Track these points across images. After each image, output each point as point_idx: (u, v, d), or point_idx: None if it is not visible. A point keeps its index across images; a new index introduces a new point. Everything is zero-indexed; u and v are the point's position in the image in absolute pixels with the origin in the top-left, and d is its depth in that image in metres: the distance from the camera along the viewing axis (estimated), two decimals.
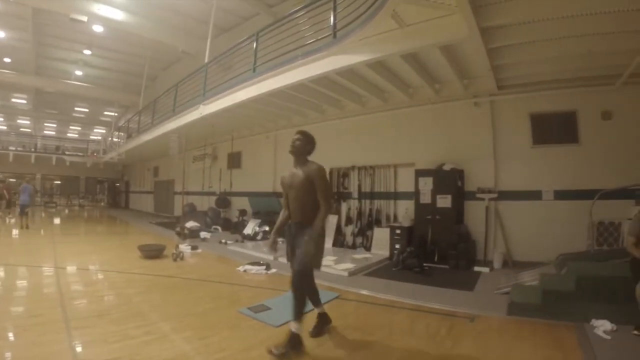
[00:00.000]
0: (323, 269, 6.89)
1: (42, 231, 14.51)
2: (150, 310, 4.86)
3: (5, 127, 38.51)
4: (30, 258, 8.52)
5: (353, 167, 10.44)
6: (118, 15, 15.77)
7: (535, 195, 7.68)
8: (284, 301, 5.10)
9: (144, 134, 17.37)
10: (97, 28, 17.75)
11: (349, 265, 7.28)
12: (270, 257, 8.05)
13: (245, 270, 7.32)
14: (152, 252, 8.79)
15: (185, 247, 9.69)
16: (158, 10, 15.74)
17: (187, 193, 14.93)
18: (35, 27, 18.74)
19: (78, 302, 5.28)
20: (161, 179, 23.00)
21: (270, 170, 13.17)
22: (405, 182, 9.30)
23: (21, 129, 38.40)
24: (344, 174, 10.67)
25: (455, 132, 8.82)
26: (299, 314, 3.65)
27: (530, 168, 7.85)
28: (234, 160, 15.17)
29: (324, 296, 5.25)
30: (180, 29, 16.86)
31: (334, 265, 7.35)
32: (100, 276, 7.11)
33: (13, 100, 32.45)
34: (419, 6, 5.32)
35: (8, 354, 3.48)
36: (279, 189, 11.61)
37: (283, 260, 7.60)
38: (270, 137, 13.36)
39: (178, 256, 8.55)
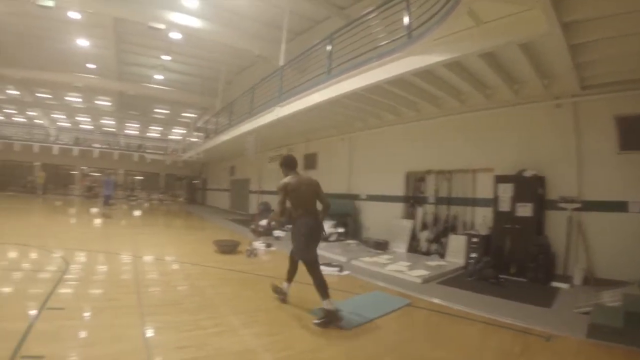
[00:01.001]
0: (396, 274, 7.05)
1: (123, 222, 15.84)
2: (221, 303, 5.13)
3: (91, 127, 42.64)
4: (110, 246, 9.36)
5: (429, 171, 10.25)
6: (195, 22, 16.76)
7: (621, 206, 6.96)
8: (355, 304, 5.35)
9: (221, 135, 18.27)
10: (175, 35, 18.82)
11: (423, 272, 7.21)
12: (344, 259, 8.27)
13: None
14: (227, 247, 9.20)
15: (259, 244, 10.06)
16: (233, 16, 16.55)
17: (263, 192, 15.39)
18: (117, 35, 20.41)
19: (153, 290, 5.79)
20: (237, 178, 23.97)
21: (345, 172, 13.29)
22: (484, 188, 8.92)
23: (105, 128, 42.35)
24: (420, 178, 10.51)
25: (535, 136, 8.32)
26: (324, 294, 4.62)
27: (616, 176, 7.13)
28: (310, 162, 15.42)
29: (395, 302, 5.51)
30: (255, 34, 17.58)
31: (407, 271, 7.32)
32: (175, 267, 7.69)
33: (98, 102, 35.54)
34: (495, 2, 5.23)
35: (83, 333, 3.95)
36: (355, 191, 11.83)
37: (357, 263, 7.73)
38: (345, 139, 13.48)
39: (252, 253, 8.93)
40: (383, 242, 10.14)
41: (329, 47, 9.65)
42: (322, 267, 7.14)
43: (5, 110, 39.93)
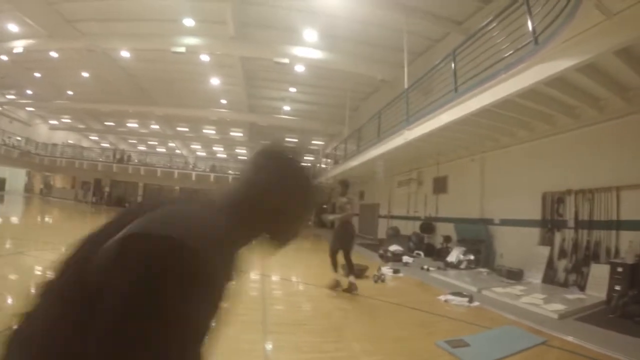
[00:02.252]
0: (530, 307, 6.63)
1: None
2: (345, 328, 5.18)
3: (225, 156, 47.66)
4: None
5: (568, 191, 9.35)
6: (316, 54, 17.89)
7: None
8: (485, 339, 5.03)
9: (350, 161, 18.80)
10: (299, 68, 20.20)
11: (560, 307, 6.57)
12: (474, 289, 8.02)
13: (446, 300, 7.19)
14: (355, 272, 9.34)
15: (387, 270, 10.02)
16: (352, 44, 17.36)
17: (392, 217, 15.41)
18: (245, 72, 22.37)
19: (278, 309, 6.11)
20: (366, 203, 24.29)
21: (477, 194, 12.74)
22: (631, 208, 7.90)
23: (239, 157, 46.88)
24: (559, 199, 9.62)
25: None
26: (352, 273, 7.44)
27: None
28: (440, 185, 15.13)
29: (528, 339, 5.08)
30: (375, 59, 18.19)
31: (542, 304, 6.78)
32: (301, 288, 8.08)
33: (231, 133, 39.25)
34: None
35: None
36: (487, 215, 11.36)
37: (487, 293, 7.46)
38: (476, 160, 13.04)
39: (379, 278, 8.95)
40: (517, 271, 9.53)
41: (452, 65, 9.59)
42: (451, 297, 7.36)
43: (149, 142, 47.75)
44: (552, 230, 9.67)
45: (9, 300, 5.15)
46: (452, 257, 11.63)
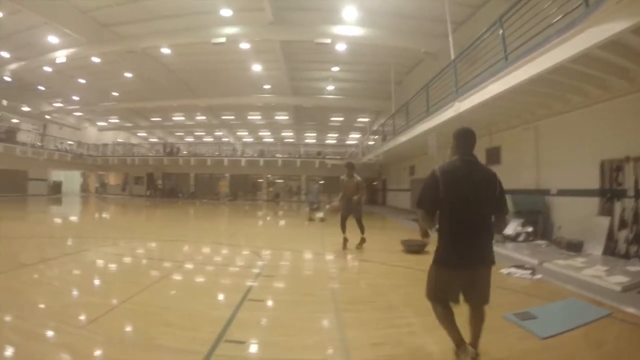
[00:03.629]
0: (593, 280, 6.68)
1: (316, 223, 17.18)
2: (412, 303, 5.18)
3: (273, 140, 48.40)
4: (302, 244, 10.77)
5: (627, 159, 9.01)
6: (357, 31, 17.90)
7: None
8: (552, 311, 5.04)
9: (399, 136, 18.83)
10: (341, 46, 20.15)
11: (622, 279, 6.52)
12: (534, 261, 8.10)
13: (509, 273, 7.25)
14: (415, 247, 9.46)
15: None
16: (392, 18, 17.28)
17: None
18: (286, 56, 22.68)
19: (345, 287, 6.44)
20: (417, 177, 24.27)
21: (532, 164, 12.51)
22: None
23: (285, 140, 48.01)
24: (617, 167, 9.28)
25: None
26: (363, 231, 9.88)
27: None
28: (493, 156, 14.86)
29: (593, 312, 5.04)
30: (417, 31, 18.04)
31: (605, 277, 6.76)
32: (365, 265, 8.29)
33: (276, 117, 39.92)
34: None
35: (282, 323, 4.61)
36: (544, 186, 11.16)
37: (549, 266, 7.46)
38: (529, 129, 12.74)
39: None
40: (577, 243, 9.39)
41: (500, 32, 9.41)
42: (513, 270, 7.40)
43: (196, 133, 49.78)
44: (612, 200, 9.37)
45: (76, 293, 5.81)
46: (510, 230, 11.38)
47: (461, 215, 3.23)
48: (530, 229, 11.17)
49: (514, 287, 6.44)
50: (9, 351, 3.73)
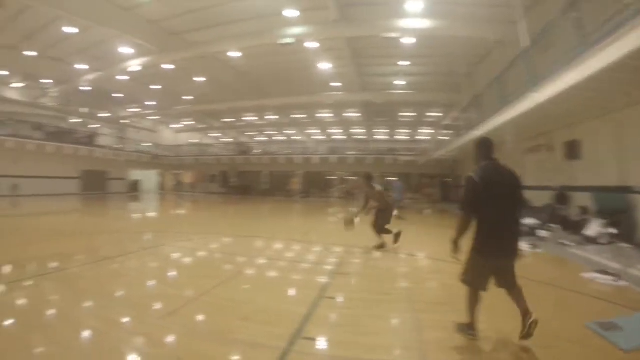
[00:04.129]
0: None
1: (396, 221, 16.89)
2: (488, 307, 4.72)
3: (343, 137, 48.65)
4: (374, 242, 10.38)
5: None
6: (424, 23, 17.50)
7: None
8: (638, 321, 4.64)
9: (472, 130, 18.06)
10: (408, 40, 19.61)
11: None
12: (618, 266, 7.45)
13: (591, 279, 6.74)
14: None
15: (524, 245, 9.38)
16: (458, 7, 16.70)
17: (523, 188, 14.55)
18: (353, 52, 22.57)
19: (422, 287, 6.28)
20: None
21: (617, 159, 11.45)
22: None
23: (356, 137, 47.68)
24: None
25: None
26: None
27: None
28: (573, 150, 13.81)
29: None
30: (485, 19, 17.29)
31: None
32: (440, 265, 7.92)
33: (346, 114, 39.80)
34: None
35: (358, 322, 4.54)
36: (630, 183, 10.19)
37: (635, 272, 6.84)
38: (613, 120, 11.78)
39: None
40: None
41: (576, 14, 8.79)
42: (596, 275, 6.88)
43: (267, 132, 51.12)
44: None
45: (155, 285, 6.16)
46: (591, 231, 10.62)
47: (497, 211, 3.86)
48: (613, 231, 10.22)
49: (595, 294, 5.98)
50: (92, 337, 4.00)
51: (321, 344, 3.99)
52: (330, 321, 4.60)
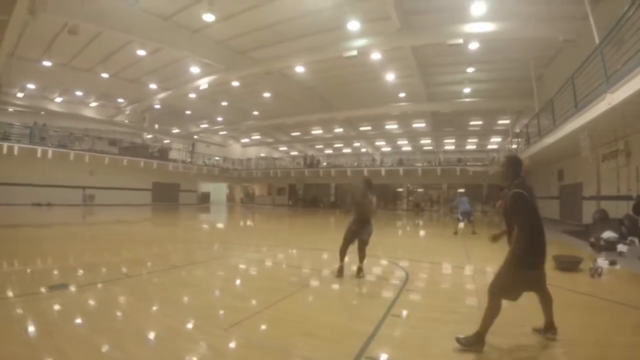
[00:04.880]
0: None
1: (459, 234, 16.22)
2: (566, 330, 4.51)
3: (410, 148, 48.71)
4: (446, 257, 10.29)
5: None
6: (488, 27, 17.02)
7: None
8: None
9: (545, 138, 17.25)
10: (473, 45, 19.08)
11: None
12: None
13: None
14: (568, 265, 8.38)
15: (602, 262, 8.71)
16: (523, 7, 16.07)
17: (599, 197, 13.64)
18: (418, 61, 22.28)
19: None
20: (567, 183, 22.07)
21: None
22: None
23: (424, 148, 47.62)
24: None
25: None
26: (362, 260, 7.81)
27: None
28: None
29: None
30: (552, 17, 16.50)
31: None
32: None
33: (414, 125, 39.46)
34: None
35: (426, 343, 4.32)
36: None
37: None
38: None
39: (596, 271, 7.81)
40: None
41: None
42: None
43: (334, 145, 51.95)
44: None
45: (220, 296, 6.17)
46: None
47: (537, 223, 4.02)
48: None
49: None
50: (154, 344, 4.13)
51: None
52: (395, 341, 4.40)
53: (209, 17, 17.97)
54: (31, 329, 4.28)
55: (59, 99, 33.63)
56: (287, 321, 4.87)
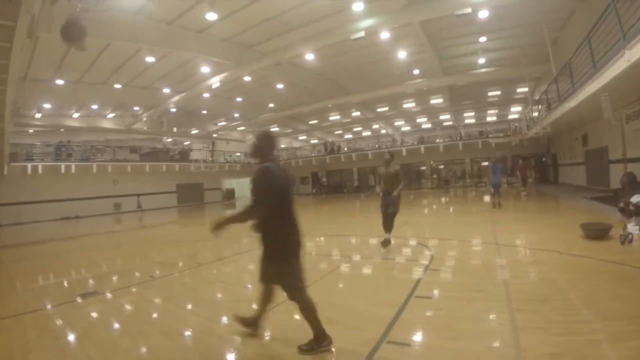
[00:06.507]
0: None
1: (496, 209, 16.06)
2: (596, 303, 4.46)
3: (430, 125, 48.26)
4: (471, 233, 10.28)
5: None
6: None
7: None
8: None
9: (565, 102, 16.72)
10: (483, 14, 18.43)
11: None
12: None
13: None
14: (597, 232, 8.15)
15: (633, 228, 8.24)
16: None
17: (627, 160, 13.04)
18: (429, 36, 21.81)
19: (520, 282, 5.65)
20: (592, 148, 21.41)
21: None
22: None
23: (444, 123, 46.90)
24: None
25: None
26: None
27: None
28: None
29: None
30: None
31: None
32: (540, 256, 7.22)
33: (431, 102, 38.84)
34: None
35: (450, 324, 4.21)
36: None
37: None
38: None
39: (627, 238, 7.52)
40: None
41: None
42: None
43: (353, 129, 51.64)
44: None
45: (245, 290, 6.25)
46: None
47: (285, 207, 4.02)
48: None
49: None
50: (182, 342, 4.27)
51: (407, 349, 3.73)
52: (419, 323, 4.34)
53: (212, 16, 17.89)
54: (65, 336, 4.55)
55: (76, 115, 34.10)
56: None
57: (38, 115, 31.60)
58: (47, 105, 29.50)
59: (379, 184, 9.43)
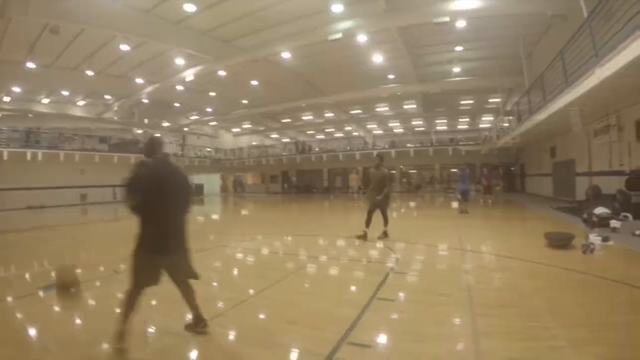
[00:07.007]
0: None
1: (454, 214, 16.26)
2: (557, 310, 4.52)
3: (402, 130, 48.71)
4: (435, 238, 10.31)
5: None
6: (475, 3, 16.72)
7: None
8: None
9: (536, 115, 17.12)
10: (460, 23, 18.78)
11: None
12: None
13: None
14: (560, 241, 8.27)
15: (594, 238, 8.50)
16: None
17: (592, 174, 13.46)
18: (406, 42, 21.95)
19: (482, 288, 5.71)
20: (559, 160, 21.95)
21: None
22: None
23: (416, 129, 47.31)
24: None
25: None
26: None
27: None
28: None
29: None
30: None
31: None
32: (503, 263, 7.32)
33: (404, 107, 39.21)
34: None
35: (412, 327, 4.20)
36: None
37: None
38: None
39: (589, 248, 7.69)
40: None
41: None
42: None
43: (326, 130, 51.67)
44: None
45: (209, 287, 5.95)
46: None
47: (157, 202, 3.93)
48: None
49: None
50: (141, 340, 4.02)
51: (368, 350, 3.67)
52: (381, 325, 4.30)
53: (190, 8, 17.80)
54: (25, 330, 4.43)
55: (46, 100, 33.22)
56: (272, 309, 4.92)
57: (7, 99, 30.73)
58: (16, 89, 28.70)
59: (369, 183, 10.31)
